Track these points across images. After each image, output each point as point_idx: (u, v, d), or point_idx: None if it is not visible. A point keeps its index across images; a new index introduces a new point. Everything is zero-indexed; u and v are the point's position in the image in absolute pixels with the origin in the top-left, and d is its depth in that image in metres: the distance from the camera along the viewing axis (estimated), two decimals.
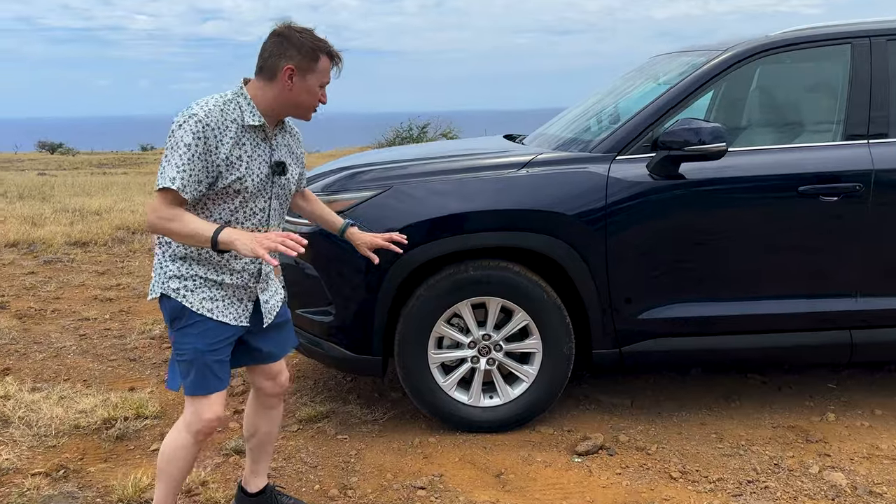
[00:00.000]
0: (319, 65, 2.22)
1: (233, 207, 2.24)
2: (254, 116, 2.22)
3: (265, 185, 2.29)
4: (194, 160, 2.11)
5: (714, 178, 3.18)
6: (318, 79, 2.23)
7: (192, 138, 2.10)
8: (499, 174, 3.25)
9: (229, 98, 2.22)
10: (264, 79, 2.23)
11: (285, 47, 2.19)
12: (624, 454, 3.13)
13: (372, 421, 3.52)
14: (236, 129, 2.18)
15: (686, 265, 3.22)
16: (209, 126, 2.12)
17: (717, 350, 3.32)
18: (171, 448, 2.33)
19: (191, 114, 2.13)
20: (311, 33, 2.23)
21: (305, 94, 2.24)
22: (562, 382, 3.32)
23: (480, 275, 3.20)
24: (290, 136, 2.42)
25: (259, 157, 2.26)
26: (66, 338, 4.79)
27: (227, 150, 2.16)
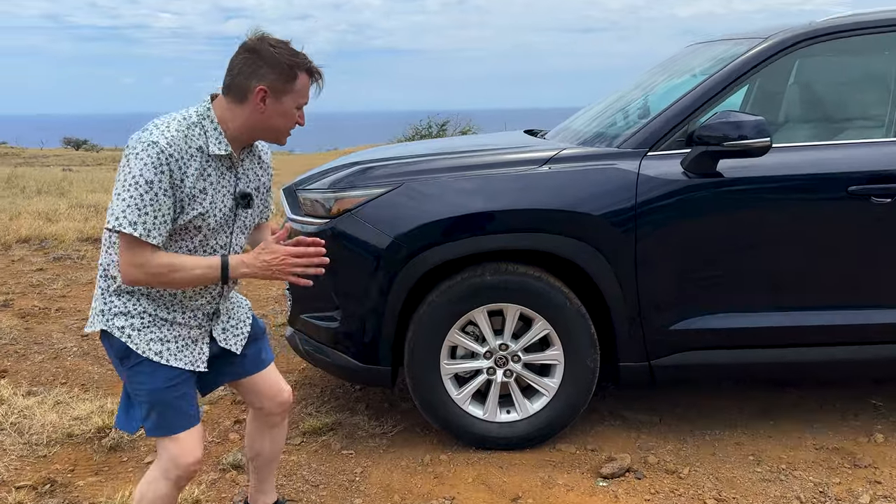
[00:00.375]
0: (297, 84, 1.96)
1: (192, 246, 2.00)
2: (220, 144, 1.96)
3: (228, 218, 2.05)
4: (159, 199, 1.85)
5: (756, 177, 2.91)
6: (295, 100, 1.97)
7: (153, 174, 1.84)
8: (518, 171, 3.01)
9: (194, 121, 1.95)
10: (233, 100, 1.96)
11: (258, 65, 1.92)
12: (653, 478, 2.87)
13: (380, 434, 3.29)
14: (201, 159, 1.93)
15: (723, 272, 2.95)
16: (172, 157, 1.87)
17: (757, 364, 3.04)
18: (149, 499, 2.07)
19: (150, 141, 1.85)
20: (287, 47, 1.95)
21: (280, 118, 1.98)
22: (585, 397, 3.06)
23: (497, 280, 2.95)
24: (258, 161, 2.15)
25: (224, 189, 2.01)
26: (67, 338, 4.61)
27: (191, 182, 1.91)
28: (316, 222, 3.09)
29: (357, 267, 2.99)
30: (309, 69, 1.97)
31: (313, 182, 3.26)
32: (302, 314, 3.24)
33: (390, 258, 2.93)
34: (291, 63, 1.93)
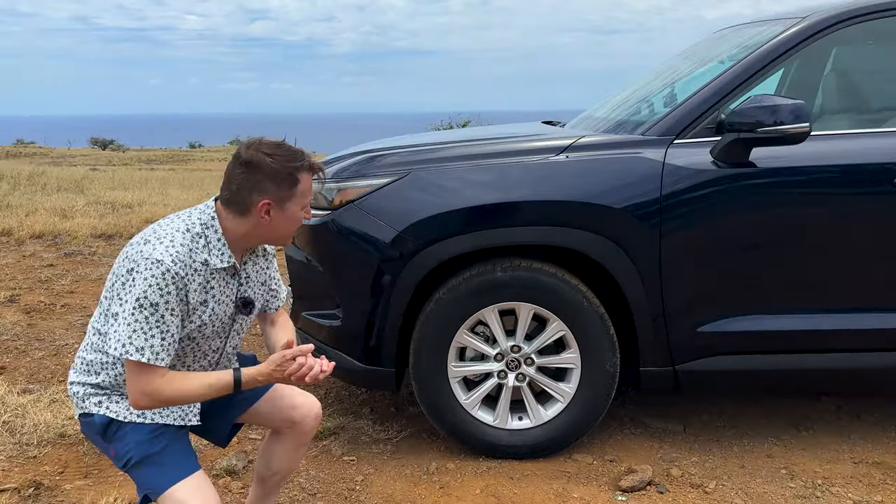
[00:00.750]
0: (300, 188, 1.86)
1: (180, 353, 1.90)
2: (223, 256, 1.86)
3: (226, 325, 1.95)
4: (166, 319, 1.76)
5: (792, 168, 2.67)
6: (300, 202, 1.88)
7: (158, 295, 1.74)
8: (533, 160, 2.80)
9: (197, 231, 1.84)
10: (234, 212, 1.86)
11: (257, 178, 1.81)
12: (677, 492, 2.65)
13: (385, 440, 3.10)
14: (205, 273, 1.83)
15: (755, 270, 2.71)
16: (178, 275, 1.77)
17: (793, 371, 2.80)
18: None
19: (155, 259, 1.74)
20: (284, 152, 1.84)
21: (286, 224, 1.89)
22: (603, 404, 2.85)
23: (509, 276, 2.75)
24: (260, 259, 2.05)
25: (226, 297, 1.92)
26: (70, 335, 4.48)
27: (194, 297, 1.81)
28: (317, 214, 2.90)
29: (359, 262, 2.80)
30: (310, 167, 1.88)
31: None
32: (303, 312, 3.06)
33: (395, 252, 2.74)
34: (291, 170, 1.83)
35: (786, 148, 2.64)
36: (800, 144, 2.63)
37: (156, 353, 1.75)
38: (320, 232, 2.86)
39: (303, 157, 1.86)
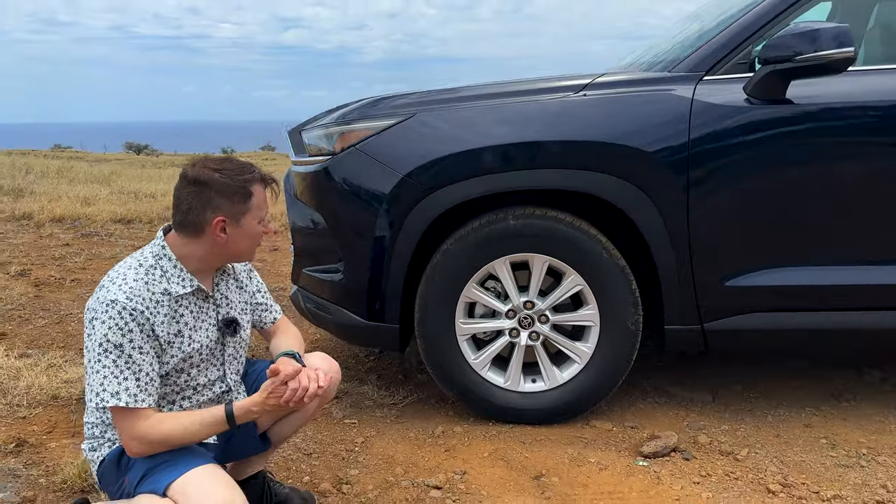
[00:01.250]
0: (253, 201, 1.78)
1: (177, 388, 1.80)
2: (183, 283, 1.76)
3: (215, 352, 1.84)
4: (134, 359, 1.66)
5: (836, 104, 2.43)
6: (256, 216, 1.80)
7: (120, 335, 1.64)
8: (549, 98, 2.59)
9: (151, 264, 1.74)
10: (188, 235, 1.76)
11: (208, 196, 1.73)
12: (704, 459, 2.41)
13: (390, 405, 2.91)
14: (169, 302, 1.72)
15: (793, 217, 2.47)
16: (136, 310, 1.66)
17: (835, 331, 2.54)
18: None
19: (109, 300, 1.64)
20: (233, 166, 1.77)
21: (245, 240, 1.81)
22: (625, 365, 2.62)
23: (522, 224, 2.54)
24: (232, 277, 1.94)
25: (204, 323, 1.82)
26: (76, 306, 4.37)
27: (163, 330, 1.70)
28: (317, 160, 2.73)
29: (361, 209, 2.61)
30: (262, 179, 1.80)
31: (320, 119, 2.91)
32: (304, 269, 2.89)
33: (399, 198, 2.55)
34: (242, 182, 1.75)
35: (828, 82, 2.41)
36: (846, 80, 2.40)
37: (133, 396, 1.66)
38: (321, 178, 2.69)
39: (252, 169, 1.79)
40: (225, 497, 1.60)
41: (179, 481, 1.63)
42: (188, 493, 1.60)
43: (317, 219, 2.75)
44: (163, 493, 1.63)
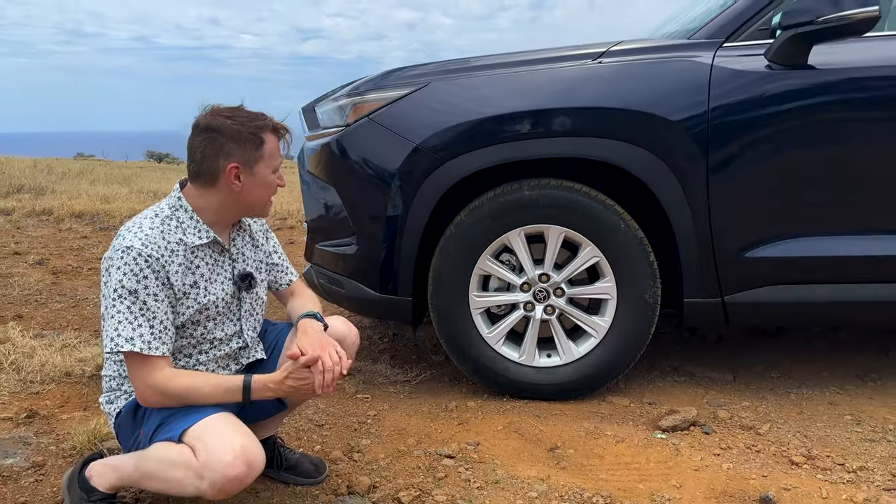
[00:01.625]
0: (266, 149, 1.76)
1: (194, 342, 1.79)
2: (199, 233, 1.75)
3: (231, 306, 1.83)
4: (149, 306, 1.64)
5: (860, 68, 2.36)
6: (269, 164, 1.78)
7: (135, 281, 1.62)
8: (565, 66, 2.55)
9: (167, 214, 1.74)
10: (203, 185, 1.75)
11: (220, 143, 1.72)
12: (724, 433, 2.35)
13: (402, 382, 2.87)
14: (184, 252, 1.71)
15: (814, 186, 2.40)
16: (151, 257, 1.65)
17: (857, 303, 2.46)
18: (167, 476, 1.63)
19: (125, 247, 1.63)
20: (243, 113, 1.76)
21: (260, 189, 1.79)
22: (643, 339, 2.56)
23: (537, 194, 2.50)
24: (248, 234, 1.93)
25: (220, 276, 1.81)
26: (92, 291, 4.38)
27: (178, 279, 1.69)
28: (330, 132, 2.71)
29: (374, 179, 2.58)
30: (273, 128, 1.79)
31: (333, 93, 2.89)
32: (318, 244, 2.86)
33: (412, 168, 2.52)
34: (254, 129, 1.74)
35: (852, 47, 2.35)
36: (870, 45, 2.34)
37: (147, 343, 1.65)
38: (333, 150, 2.66)
39: (264, 117, 1.77)
40: (243, 443, 1.58)
41: (195, 427, 1.61)
42: (204, 439, 1.58)
43: (330, 192, 2.73)
44: (178, 439, 1.61)
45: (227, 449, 1.55)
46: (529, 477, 2.07)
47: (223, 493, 1.56)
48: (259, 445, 1.63)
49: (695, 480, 2.03)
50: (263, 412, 1.96)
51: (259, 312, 1.98)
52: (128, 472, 1.72)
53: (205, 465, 1.55)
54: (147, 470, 1.65)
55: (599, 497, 1.94)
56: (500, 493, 1.98)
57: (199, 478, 1.55)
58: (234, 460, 1.54)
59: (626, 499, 1.94)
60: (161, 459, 1.62)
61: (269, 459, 2.06)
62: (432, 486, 2.03)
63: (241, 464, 1.55)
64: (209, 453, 1.55)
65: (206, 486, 1.55)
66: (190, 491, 1.58)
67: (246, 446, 1.58)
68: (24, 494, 2.01)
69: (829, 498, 1.92)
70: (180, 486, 1.59)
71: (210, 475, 1.54)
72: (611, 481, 2.05)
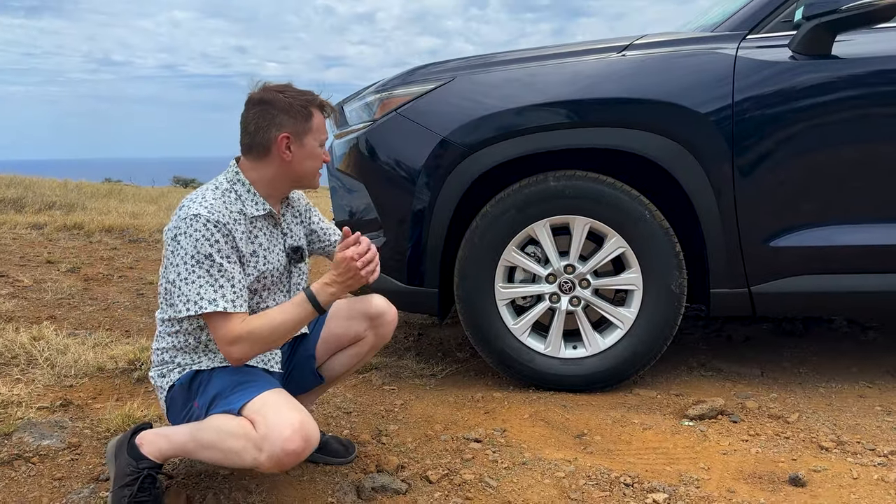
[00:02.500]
0: (314, 122, 1.85)
1: (248, 311, 1.81)
2: (257, 205, 1.83)
3: (283, 276, 1.91)
4: (226, 267, 1.71)
5: (882, 59, 2.38)
6: (317, 137, 1.87)
7: (208, 245, 1.69)
8: (589, 59, 2.59)
9: (226, 187, 1.82)
10: (257, 157, 1.84)
11: (272, 114, 1.81)
12: (752, 421, 2.34)
13: (429, 375, 2.89)
14: (245, 222, 1.79)
15: (838, 175, 2.41)
16: (219, 223, 1.72)
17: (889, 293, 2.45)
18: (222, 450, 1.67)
19: (192, 215, 1.70)
20: (293, 89, 1.86)
21: (308, 160, 1.87)
22: (669, 330, 2.56)
23: (563, 185, 2.53)
24: (294, 210, 2.02)
25: (275, 247, 1.89)
26: (123, 297, 4.46)
27: (242, 245, 1.77)
28: (357, 129, 2.76)
29: (401, 171, 2.63)
30: (321, 105, 1.88)
31: (360, 93, 2.95)
32: None
33: (438, 159, 2.56)
34: (304, 103, 1.83)
35: (876, 36, 2.37)
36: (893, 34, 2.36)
37: (230, 301, 1.71)
38: (361, 145, 2.72)
39: (313, 94, 1.86)
40: (301, 419, 1.61)
41: (255, 401, 1.65)
42: (264, 413, 1.61)
43: (357, 187, 2.78)
44: (238, 412, 1.64)
45: (286, 423, 1.58)
46: (556, 459, 2.07)
47: (280, 465, 1.59)
48: (314, 422, 1.66)
49: (723, 463, 2.03)
50: (302, 385, 2.01)
51: (304, 285, 2.03)
52: (181, 442, 1.75)
53: (265, 438, 1.58)
54: (204, 439, 1.68)
55: (627, 477, 1.94)
56: (528, 473, 1.99)
57: (258, 449, 1.58)
58: (293, 434, 1.57)
59: (653, 479, 1.94)
60: (220, 429, 1.65)
61: None
62: (460, 466, 2.04)
63: (300, 438, 1.58)
64: (269, 427, 1.58)
65: (265, 458, 1.58)
66: (248, 462, 1.61)
67: (304, 422, 1.61)
68: (60, 471, 2.05)
69: (860, 478, 1.90)
70: (238, 458, 1.62)
71: (269, 448, 1.57)
72: (638, 464, 2.05)
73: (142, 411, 2.39)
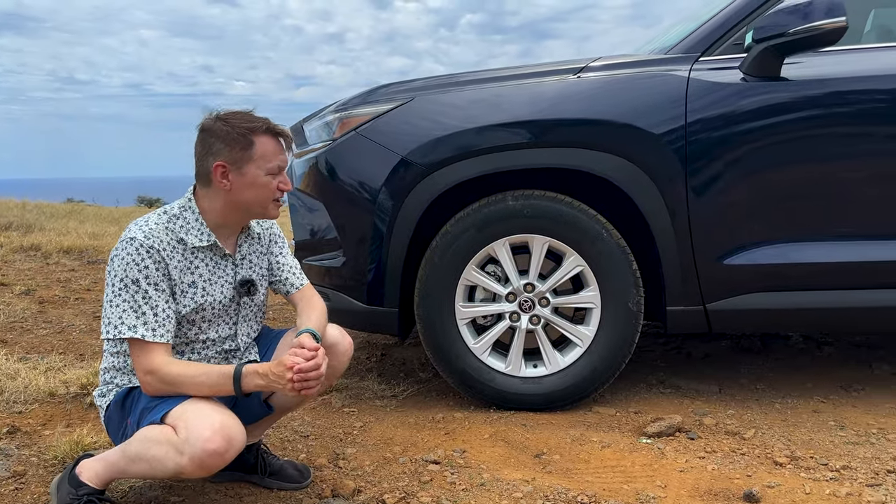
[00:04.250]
0: (256, 150, 1.77)
1: (186, 340, 1.83)
2: (201, 235, 1.79)
3: (229, 309, 1.86)
4: (150, 294, 1.69)
5: (831, 78, 2.44)
6: (260, 166, 1.78)
7: (137, 271, 1.67)
8: (545, 81, 2.61)
9: (175, 213, 1.79)
10: (202, 185, 1.81)
11: (210, 143, 1.78)
12: (709, 438, 2.35)
13: (390, 396, 2.87)
14: (184, 251, 1.76)
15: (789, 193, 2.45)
16: (153, 248, 1.70)
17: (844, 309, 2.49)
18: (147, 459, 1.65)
19: (128, 238, 1.70)
20: (240, 116, 1.79)
21: (249, 190, 1.79)
22: (627, 348, 2.58)
23: (521, 204, 2.54)
24: (256, 240, 1.96)
25: (219, 280, 1.84)
26: (79, 319, 4.36)
27: (177, 275, 1.73)
28: (317, 148, 2.75)
29: (360, 191, 2.62)
30: (268, 130, 1.79)
31: (321, 112, 2.94)
32: (305, 260, 2.88)
33: (397, 179, 2.56)
34: (244, 130, 1.77)
35: (823, 60, 2.43)
36: (840, 57, 2.43)
37: (151, 330, 1.69)
38: (321, 165, 2.71)
39: (262, 120, 1.79)
40: (222, 419, 1.59)
41: (177, 408, 1.63)
42: (185, 417, 1.59)
43: (317, 206, 2.76)
44: (160, 420, 1.62)
45: (206, 425, 1.57)
46: (515, 479, 2.06)
47: (203, 467, 1.56)
48: (240, 425, 1.64)
49: (679, 481, 2.03)
50: (249, 415, 1.95)
51: (257, 317, 2.00)
52: (114, 461, 1.72)
53: (185, 441, 1.56)
54: (130, 452, 1.66)
55: (584, 496, 1.94)
56: (486, 494, 1.97)
57: (179, 453, 1.56)
58: (213, 435, 1.55)
59: (610, 498, 1.93)
60: (143, 439, 1.63)
61: (252, 465, 2.05)
62: (417, 488, 2.02)
63: (220, 438, 1.56)
64: (189, 429, 1.56)
65: (186, 460, 1.55)
66: (171, 468, 1.58)
67: (225, 422, 1.59)
68: (3, 501, 1.98)
69: (813, 493, 1.92)
70: (161, 465, 1.59)
71: (190, 450, 1.55)
72: (596, 483, 2.04)
73: (91, 437, 2.32)
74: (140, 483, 2.04)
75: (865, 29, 3.19)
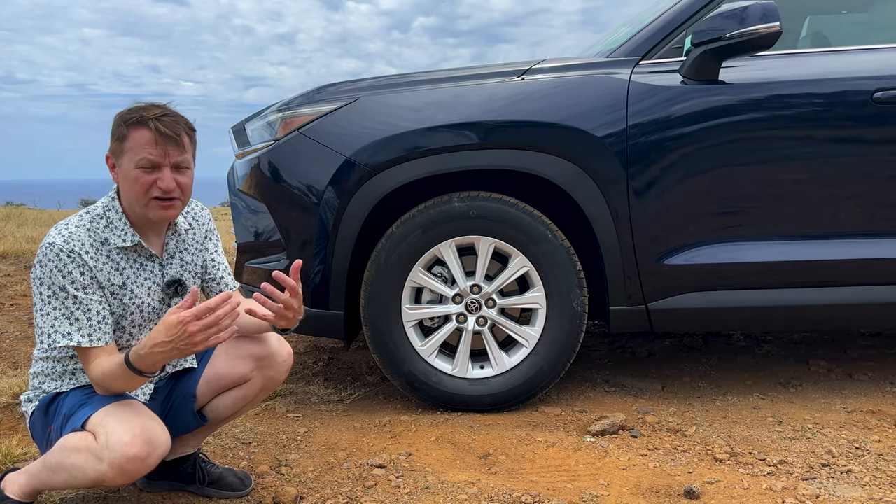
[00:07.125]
0: (129, 142, 1.65)
1: (119, 347, 1.75)
2: (124, 235, 1.71)
3: (159, 311, 1.79)
4: (80, 299, 1.62)
5: (767, 82, 2.50)
6: (131, 158, 1.66)
7: (62, 277, 1.60)
8: (491, 83, 2.62)
9: (98, 213, 1.71)
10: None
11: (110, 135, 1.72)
12: (652, 436, 2.39)
13: (336, 401, 2.83)
14: (109, 252, 1.68)
15: (727, 194, 2.50)
16: (74, 252, 1.62)
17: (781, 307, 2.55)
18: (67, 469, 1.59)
19: (48, 244, 1.61)
20: (132, 107, 1.69)
21: (125, 185, 1.69)
22: (572, 348, 2.60)
23: (467, 206, 2.54)
24: (184, 237, 1.88)
25: (146, 282, 1.76)
26: (12, 326, 4.20)
27: (104, 277, 1.66)
28: (259, 148, 2.71)
29: (304, 192, 2.58)
30: (140, 120, 1.64)
31: (263, 111, 2.90)
32: (248, 262, 2.83)
33: (342, 180, 2.53)
34: (120, 121, 1.67)
35: (759, 63, 2.50)
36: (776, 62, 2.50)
37: (87, 335, 1.63)
38: (263, 165, 2.66)
39: (143, 111, 1.65)
40: (143, 423, 1.54)
41: (98, 413, 1.58)
42: (105, 423, 1.53)
43: (259, 208, 2.71)
44: (81, 426, 1.56)
45: (126, 429, 1.52)
46: (460, 481, 2.05)
47: (123, 473, 1.51)
48: (163, 427, 1.59)
49: (622, 479, 2.05)
50: (183, 425, 1.90)
51: None
52: (36, 472, 1.66)
53: (104, 447, 1.51)
54: (51, 462, 1.60)
55: (528, 496, 1.94)
56: (431, 498, 1.96)
57: (98, 460, 1.51)
58: (134, 439, 1.50)
59: (554, 497, 1.94)
60: (63, 448, 1.57)
61: (191, 475, 2.00)
62: (361, 493, 1.99)
63: (141, 442, 1.51)
64: (108, 434, 1.52)
65: (106, 467, 1.50)
66: (91, 476, 1.53)
67: (146, 426, 1.54)
68: None
69: (750, 488, 1.96)
70: (82, 474, 1.54)
71: (109, 455, 1.50)
72: (540, 482, 2.05)
73: (21, 448, 2.24)
74: (72, 494, 1.97)
75: (801, 34, 3.29)
